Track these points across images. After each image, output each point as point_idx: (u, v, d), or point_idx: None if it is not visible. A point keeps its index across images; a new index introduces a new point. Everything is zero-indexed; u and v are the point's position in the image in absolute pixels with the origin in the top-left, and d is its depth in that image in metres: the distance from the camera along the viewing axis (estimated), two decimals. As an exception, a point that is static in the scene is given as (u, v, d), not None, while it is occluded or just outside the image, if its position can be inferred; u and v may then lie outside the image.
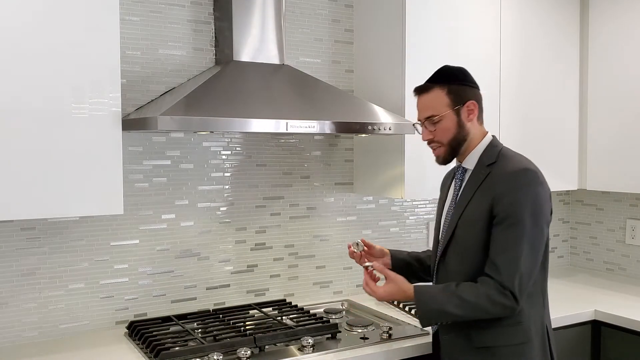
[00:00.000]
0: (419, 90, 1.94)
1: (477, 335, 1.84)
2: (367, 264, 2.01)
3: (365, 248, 2.12)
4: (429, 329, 2.22)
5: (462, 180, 1.94)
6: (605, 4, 2.96)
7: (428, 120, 1.91)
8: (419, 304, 1.84)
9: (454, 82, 1.89)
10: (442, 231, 1.96)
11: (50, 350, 2.10)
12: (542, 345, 1.88)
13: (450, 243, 1.90)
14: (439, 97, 1.89)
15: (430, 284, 2.00)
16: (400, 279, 1.89)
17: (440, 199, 2.10)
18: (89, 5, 1.89)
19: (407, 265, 2.13)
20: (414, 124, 2.02)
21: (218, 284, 2.52)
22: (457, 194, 1.94)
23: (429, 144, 1.95)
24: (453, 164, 2.06)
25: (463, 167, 1.95)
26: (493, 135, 1.96)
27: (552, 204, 1.85)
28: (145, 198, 2.35)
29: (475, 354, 1.85)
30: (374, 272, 2.00)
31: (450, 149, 1.91)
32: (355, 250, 2.10)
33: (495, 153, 1.89)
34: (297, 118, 2.07)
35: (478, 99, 1.91)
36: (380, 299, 1.93)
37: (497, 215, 1.79)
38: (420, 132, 1.97)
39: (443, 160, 1.94)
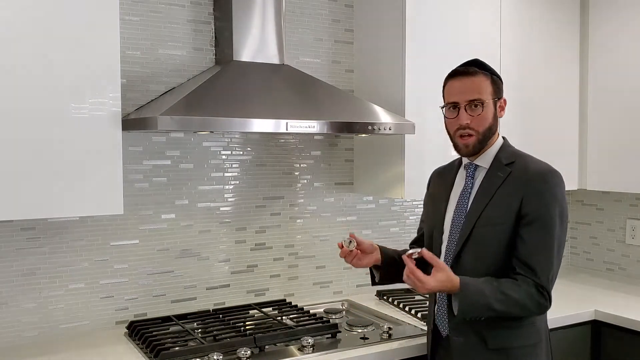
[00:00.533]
0: (464, 72, 1.85)
1: (493, 337, 1.82)
2: (411, 251, 1.80)
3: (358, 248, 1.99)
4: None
5: (473, 178, 1.90)
6: (605, 4, 2.96)
7: (471, 104, 1.82)
8: (463, 295, 1.73)
9: (494, 74, 1.88)
10: (451, 229, 1.89)
11: (50, 350, 2.10)
12: (547, 345, 1.90)
13: (467, 242, 1.84)
14: (485, 84, 1.84)
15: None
16: (447, 268, 1.76)
17: (434, 194, 2.05)
18: (89, 5, 1.89)
19: (395, 262, 2.02)
20: (441, 107, 1.91)
21: (218, 284, 2.52)
22: (469, 192, 1.89)
23: (461, 129, 1.84)
24: (443, 160, 2.06)
25: (475, 165, 1.90)
26: (503, 137, 1.95)
27: None
28: (145, 198, 2.35)
29: (490, 356, 1.83)
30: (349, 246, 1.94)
31: (481, 139, 1.84)
32: (350, 249, 1.96)
33: (511, 153, 1.89)
34: (297, 118, 2.07)
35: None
36: (430, 289, 1.75)
37: (526, 215, 1.77)
38: (448, 116, 1.88)
39: (472, 150, 1.86)
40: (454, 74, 1.88)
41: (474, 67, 1.85)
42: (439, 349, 1.96)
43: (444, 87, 1.92)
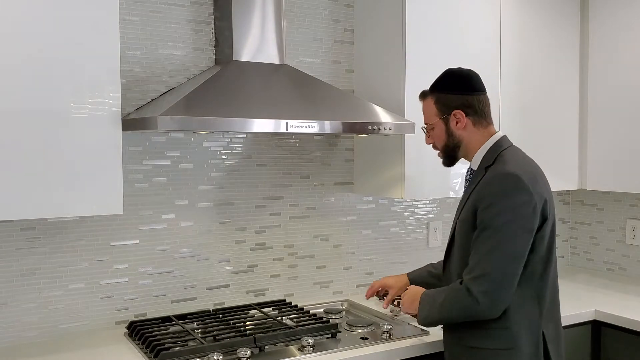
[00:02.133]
0: (420, 97, 2.04)
1: (466, 335, 1.89)
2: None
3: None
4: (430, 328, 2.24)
5: (469, 181, 2.00)
6: (605, 4, 2.96)
7: (427, 127, 2.02)
8: (420, 308, 1.97)
9: (441, 91, 1.95)
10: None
11: (50, 350, 2.10)
12: (534, 352, 1.85)
13: (452, 243, 1.96)
14: (430, 106, 1.98)
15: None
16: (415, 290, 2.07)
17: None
18: (89, 5, 1.89)
19: (426, 285, 2.16)
20: (422, 127, 2.08)
21: (218, 284, 2.52)
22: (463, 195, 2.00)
23: (432, 147, 2.05)
24: None
25: (471, 169, 1.99)
26: (504, 135, 1.97)
27: (544, 209, 1.81)
28: (145, 198, 2.35)
29: (465, 353, 1.90)
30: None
31: (445, 154, 2.00)
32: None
33: (494, 155, 1.90)
34: (297, 118, 2.07)
35: (469, 106, 1.92)
36: (403, 303, 2.09)
37: (477, 218, 1.82)
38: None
39: (444, 163, 2.03)
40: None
41: (426, 90, 2.00)
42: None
43: None
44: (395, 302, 2.32)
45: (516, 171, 1.80)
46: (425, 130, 2.04)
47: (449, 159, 2.00)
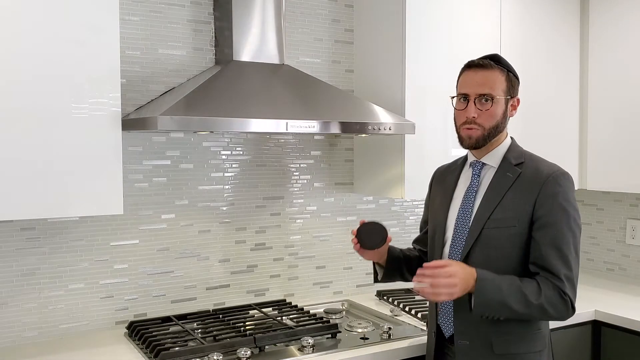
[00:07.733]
0: (479, 65, 1.81)
1: (500, 342, 1.78)
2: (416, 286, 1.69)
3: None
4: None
5: (479, 176, 1.86)
6: (605, 5, 2.96)
7: (481, 98, 1.78)
8: (479, 290, 1.67)
9: (512, 72, 1.85)
10: (456, 230, 1.84)
11: (50, 350, 2.10)
12: (550, 351, 1.88)
13: (476, 244, 1.78)
14: (500, 80, 1.80)
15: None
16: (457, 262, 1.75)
17: (437, 193, 2.00)
18: (89, 5, 1.89)
19: (399, 261, 2.03)
20: (452, 97, 1.87)
21: (218, 284, 2.52)
22: (475, 191, 1.85)
23: (467, 123, 1.81)
24: (443, 160, 2.03)
25: (481, 163, 1.87)
26: (511, 137, 1.93)
27: None
28: (145, 198, 2.35)
29: None
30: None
31: (487, 135, 1.80)
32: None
33: (520, 153, 1.86)
34: (297, 118, 2.07)
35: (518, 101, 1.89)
36: (453, 273, 1.65)
37: (539, 218, 1.74)
38: (457, 108, 1.84)
39: (475, 144, 1.82)
40: (469, 65, 1.84)
41: (491, 61, 1.82)
42: (442, 350, 1.92)
43: (458, 77, 1.87)
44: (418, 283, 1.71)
45: (566, 170, 1.83)
46: (473, 101, 1.79)
47: (485, 141, 1.81)
